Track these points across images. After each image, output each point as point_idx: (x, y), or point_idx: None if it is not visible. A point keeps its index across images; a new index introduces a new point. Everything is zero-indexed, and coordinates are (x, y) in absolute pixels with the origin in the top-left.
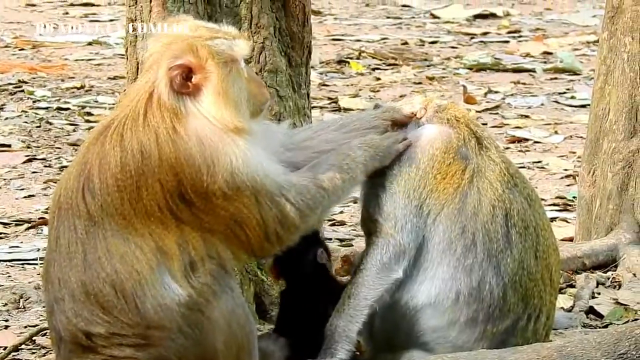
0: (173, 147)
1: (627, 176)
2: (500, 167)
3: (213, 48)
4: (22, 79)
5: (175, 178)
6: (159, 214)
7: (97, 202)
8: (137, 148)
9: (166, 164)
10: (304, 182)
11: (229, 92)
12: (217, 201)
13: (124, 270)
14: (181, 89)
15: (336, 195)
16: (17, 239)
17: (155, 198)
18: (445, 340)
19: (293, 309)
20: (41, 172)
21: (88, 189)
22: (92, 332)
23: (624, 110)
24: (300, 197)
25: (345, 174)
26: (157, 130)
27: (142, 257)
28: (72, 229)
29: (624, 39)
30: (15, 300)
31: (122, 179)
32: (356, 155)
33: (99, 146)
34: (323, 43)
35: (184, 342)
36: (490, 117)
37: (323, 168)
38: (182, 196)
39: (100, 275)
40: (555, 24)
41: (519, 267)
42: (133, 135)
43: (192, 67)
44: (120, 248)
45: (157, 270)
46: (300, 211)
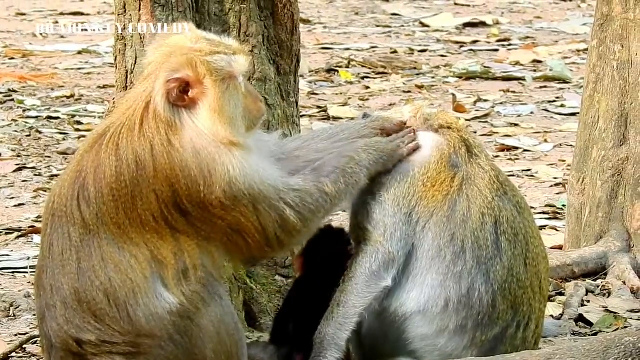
0: (168, 159)
1: (617, 184)
2: (490, 174)
3: (212, 64)
4: (12, 88)
5: (170, 189)
6: (154, 224)
7: (92, 210)
8: (132, 158)
9: (161, 175)
10: (306, 186)
11: (224, 109)
12: (215, 211)
13: (117, 278)
14: (177, 101)
15: (339, 198)
16: (7, 247)
17: (150, 208)
18: (434, 348)
19: (304, 298)
20: (31, 180)
21: (83, 197)
22: (83, 339)
23: (613, 118)
24: (300, 201)
25: (349, 178)
26: (152, 141)
27: (136, 266)
28: (66, 237)
29: (613, 47)
30: (5, 309)
31: (117, 189)
32: (360, 159)
33: (94, 154)
34: (312, 52)
35: (174, 349)
36: (479, 125)
37: (326, 171)
38: (178, 206)
39: (94, 284)
40: (545, 33)
41: (509, 274)
42: (129, 145)
43: (189, 82)
44: (115, 257)
45: (151, 279)
46: (301, 214)
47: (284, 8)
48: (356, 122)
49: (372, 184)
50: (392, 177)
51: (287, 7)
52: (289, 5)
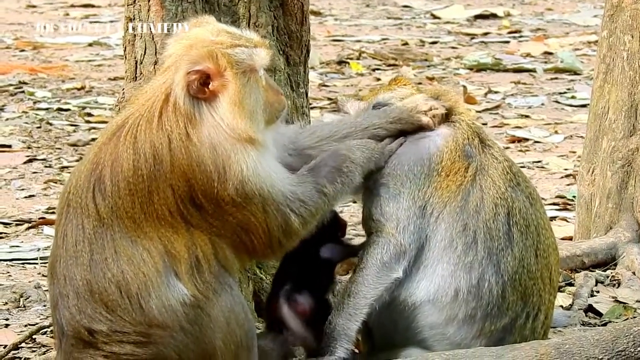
0: (186, 154)
1: (627, 175)
2: (504, 165)
3: (233, 57)
4: (22, 80)
5: (187, 184)
6: (170, 219)
7: (107, 203)
8: (150, 152)
9: (178, 170)
10: (307, 191)
11: (244, 102)
12: (226, 207)
13: (130, 271)
14: (197, 94)
15: (335, 199)
16: (17, 238)
17: (166, 203)
18: (443, 337)
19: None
20: (41, 172)
21: (99, 190)
22: (95, 329)
23: (623, 109)
24: (303, 206)
25: (345, 177)
26: (170, 134)
27: (149, 260)
28: (79, 228)
29: (623, 37)
30: (15, 299)
31: (134, 183)
32: (355, 157)
33: (112, 147)
34: (323, 44)
35: (184, 339)
36: (490, 117)
37: (324, 171)
38: (193, 200)
39: (106, 275)
40: (556, 24)
41: (519, 265)
42: (146, 138)
43: (210, 74)
44: (128, 250)
45: (164, 273)
46: (303, 218)
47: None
48: (370, 120)
49: (386, 176)
50: (407, 169)
51: None
52: None
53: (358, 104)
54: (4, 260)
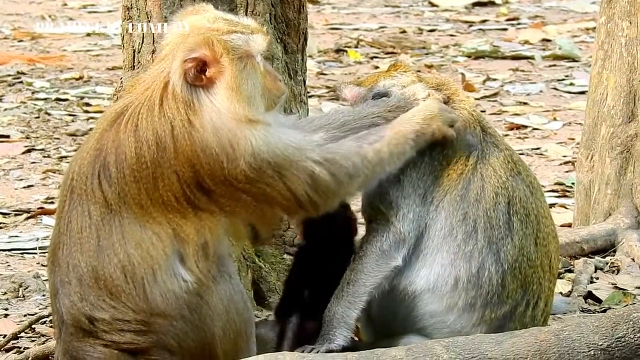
0: (189, 140)
1: (626, 161)
2: (504, 153)
3: (229, 43)
4: (21, 70)
5: (191, 169)
6: (176, 204)
7: (114, 190)
8: (153, 139)
9: (182, 156)
10: (342, 150)
11: (242, 88)
12: (239, 185)
13: (137, 255)
14: (195, 81)
15: (381, 166)
16: (16, 228)
17: (171, 189)
18: (443, 325)
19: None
20: (40, 162)
21: (105, 177)
22: (96, 317)
23: (621, 95)
24: (332, 160)
25: (393, 148)
26: (172, 121)
27: (158, 243)
28: (85, 214)
29: (621, 24)
30: (14, 289)
31: (138, 170)
32: (407, 131)
33: (114, 133)
34: (321, 32)
35: (183, 327)
36: (488, 104)
37: (371, 138)
38: (200, 185)
39: (112, 261)
40: (554, 11)
41: (519, 254)
42: (148, 125)
43: (206, 61)
44: (137, 235)
45: (171, 256)
46: (333, 174)
47: None
48: (369, 109)
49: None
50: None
51: None
52: None
53: (357, 89)
54: (3, 250)
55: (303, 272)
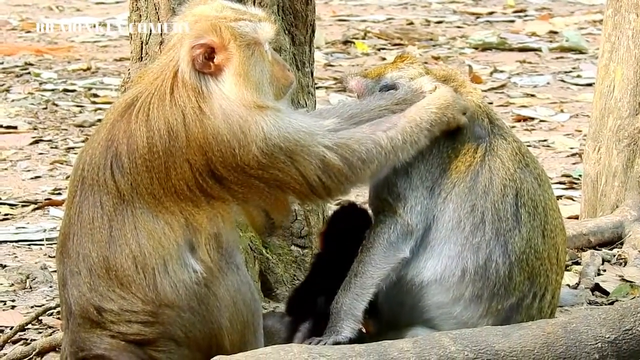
0: (200, 127)
1: (633, 153)
2: (512, 145)
3: (237, 30)
4: (28, 61)
5: (203, 157)
6: (189, 193)
7: (126, 180)
8: (165, 128)
9: (194, 143)
10: (356, 135)
11: (249, 74)
12: (251, 171)
13: (149, 245)
14: (203, 68)
15: (394, 154)
16: (23, 219)
17: (184, 177)
18: (449, 317)
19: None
20: (47, 153)
21: (117, 167)
22: (105, 307)
23: (628, 87)
24: (345, 145)
25: (407, 136)
26: (184, 109)
27: (170, 233)
28: (97, 205)
29: (628, 16)
30: (21, 281)
31: (150, 160)
32: (422, 120)
33: (125, 124)
34: (329, 24)
35: (191, 318)
36: (496, 96)
37: (385, 126)
38: (212, 173)
39: (124, 251)
40: (562, 3)
41: (527, 246)
42: (160, 114)
43: (214, 47)
44: (149, 225)
45: (183, 246)
46: (346, 159)
47: None
48: (376, 102)
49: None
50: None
51: None
52: None
53: (363, 81)
54: (10, 242)
55: (320, 280)
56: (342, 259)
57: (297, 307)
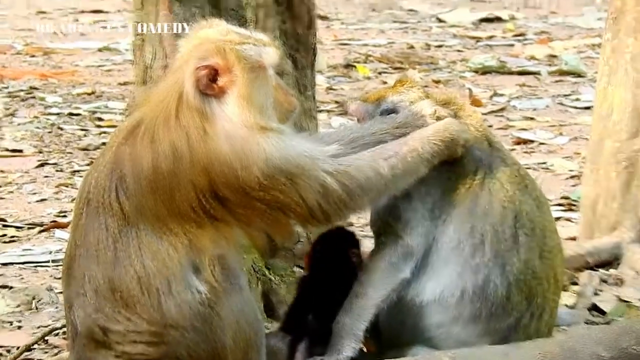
0: (204, 148)
1: (631, 175)
2: (511, 168)
3: (241, 53)
4: (33, 85)
5: (207, 178)
6: (193, 214)
7: (131, 202)
8: (169, 150)
9: (198, 165)
10: (356, 162)
11: (253, 97)
12: (253, 193)
13: (153, 266)
14: (206, 89)
15: (394, 182)
16: (29, 242)
17: (188, 199)
18: (448, 336)
19: (308, 297)
20: (53, 176)
21: (122, 189)
22: (110, 328)
23: (627, 110)
24: (344, 172)
25: (408, 166)
26: (188, 131)
27: (174, 254)
28: (102, 227)
29: (626, 40)
30: (28, 302)
31: (155, 181)
32: (424, 151)
33: (130, 146)
34: (330, 47)
35: (195, 337)
36: (496, 119)
37: (387, 154)
38: (216, 195)
39: (128, 273)
40: (560, 27)
41: (525, 267)
42: (165, 136)
43: (218, 70)
44: (153, 246)
45: (187, 268)
46: (345, 185)
47: (300, 2)
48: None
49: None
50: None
51: (303, 1)
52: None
53: (364, 105)
54: (16, 264)
55: (308, 302)
56: (327, 280)
57: (289, 326)
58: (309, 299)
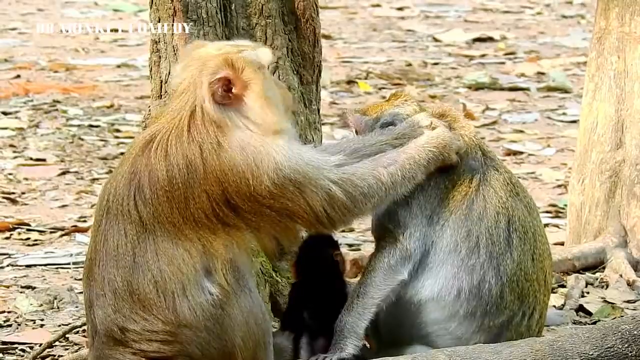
0: (218, 160)
1: (614, 185)
2: (504, 176)
3: (246, 58)
4: (56, 98)
5: (220, 187)
6: (206, 221)
7: (149, 210)
8: (183, 162)
9: (211, 176)
10: (359, 170)
11: (268, 95)
12: (263, 201)
13: (169, 271)
14: (223, 100)
15: (394, 188)
16: (51, 245)
17: (202, 207)
18: (445, 332)
19: (301, 300)
20: (74, 184)
21: (140, 198)
22: (128, 327)
23: (610, 124)
24: (348, 180)
25: (406, 172)
26: (201, 145)
27: (189, 259)
28: (122, 233)
29: (610, 58)
30: (49, 301)
31: (170, 191)
32: (420, 158)
33: (146, 158)
34: (334, 65)
35: (207, 336)
36: (488, 132)
37: (386, 162)
38: (228, 202)
39: (146, 276)
40: (548, 47)
41: (517, 268)
42: (178, 150)
43: (230, 79)
44: (169, 251)
45: (201, 272)
46: (349, 193)
47: (306, 22)
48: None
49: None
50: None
51: (309, 21)
52: (311, 20)
53: (362, 118)
54: (39, 265)
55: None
56: (316, 282)
57: (289, 325)
58: (303, 300)
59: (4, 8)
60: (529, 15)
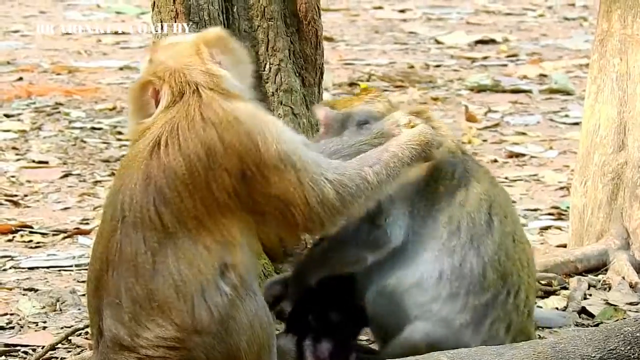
0: (233, 132)
1: (616, 187)
2: (482, 169)
3: (217, 37)
4: (58, 101)
5: (238, 159)
6: (228, 200)
7: (170, 210)
8: (201, 148)
9: (231, 150)
10: (347, 171)
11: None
12: (269, 175)
13: (189, 273)
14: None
15: (380, 188)
16: (54, 247)
17: (224, 186)
18: (430, 315)
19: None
20: (76, 186)
21: (160, 201)
22: (140, 335)
23: (612, 126)
24: (340, 181)
25: (391, 170)
26: (217, 125)
27: (208, 257)
28: (140, 241)
29: (612, 60)
30: (52, 304)
31: (192, 183)
32: (404, 156)
33: (157, 161)
34: (336, 67)
35: (212, 341)
36: (490, 134)
37: (371, 161)
38: (244, 174)
39: (167, 282)
40: (550, 49)
41: (498, 248)
42: (193, 139)
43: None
44: (189, 253)
45: (218, 269)
46: (340, 195)
47: (308, 25)
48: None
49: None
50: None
51: (311, 23)
52: (313, 22)
53: (331, 112)
54: (41, 268)
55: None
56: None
57: (293, 328)
58: (306, 304)
59: (7, 10)
60: (531, 17)
